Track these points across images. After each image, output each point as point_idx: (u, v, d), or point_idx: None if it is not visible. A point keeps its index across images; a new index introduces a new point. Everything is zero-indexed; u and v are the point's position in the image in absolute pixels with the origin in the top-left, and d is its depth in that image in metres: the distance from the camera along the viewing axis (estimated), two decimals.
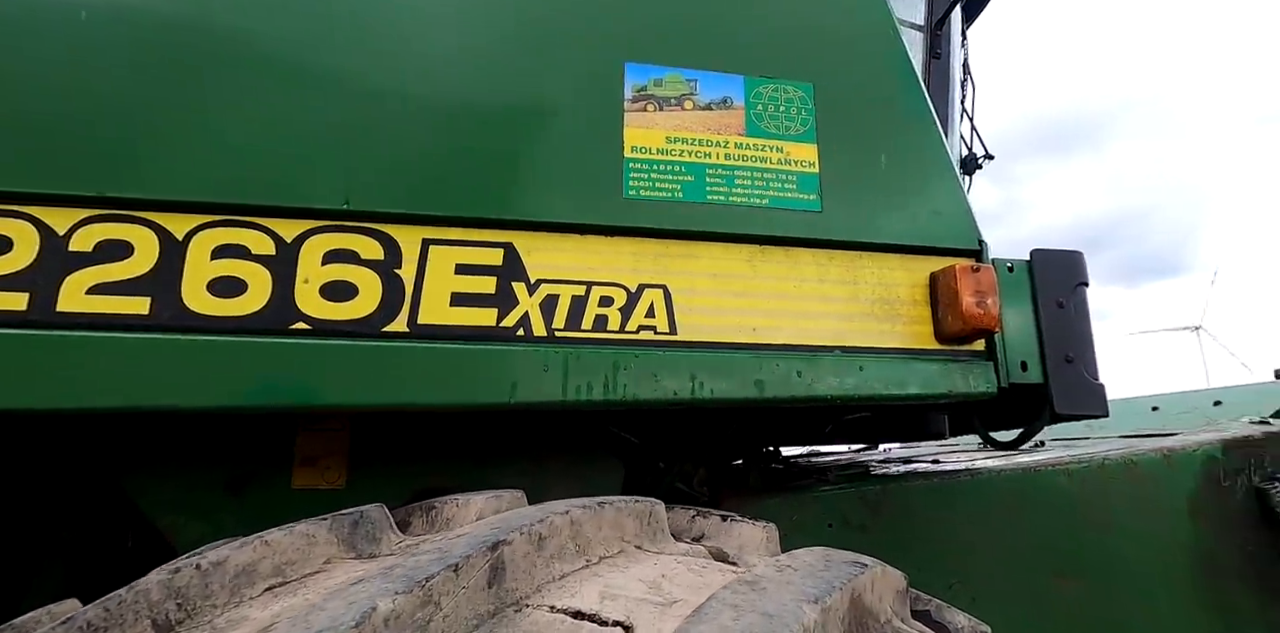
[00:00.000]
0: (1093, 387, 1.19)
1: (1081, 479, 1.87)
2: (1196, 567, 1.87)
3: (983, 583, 1.76)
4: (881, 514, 1.73)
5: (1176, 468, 1.90)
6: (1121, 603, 1.81)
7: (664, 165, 1.10)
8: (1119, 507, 1.86)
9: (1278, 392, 2.30)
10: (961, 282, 1.09)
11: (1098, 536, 1.84)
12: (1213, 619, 1.84)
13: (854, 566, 0.78)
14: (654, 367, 1.03)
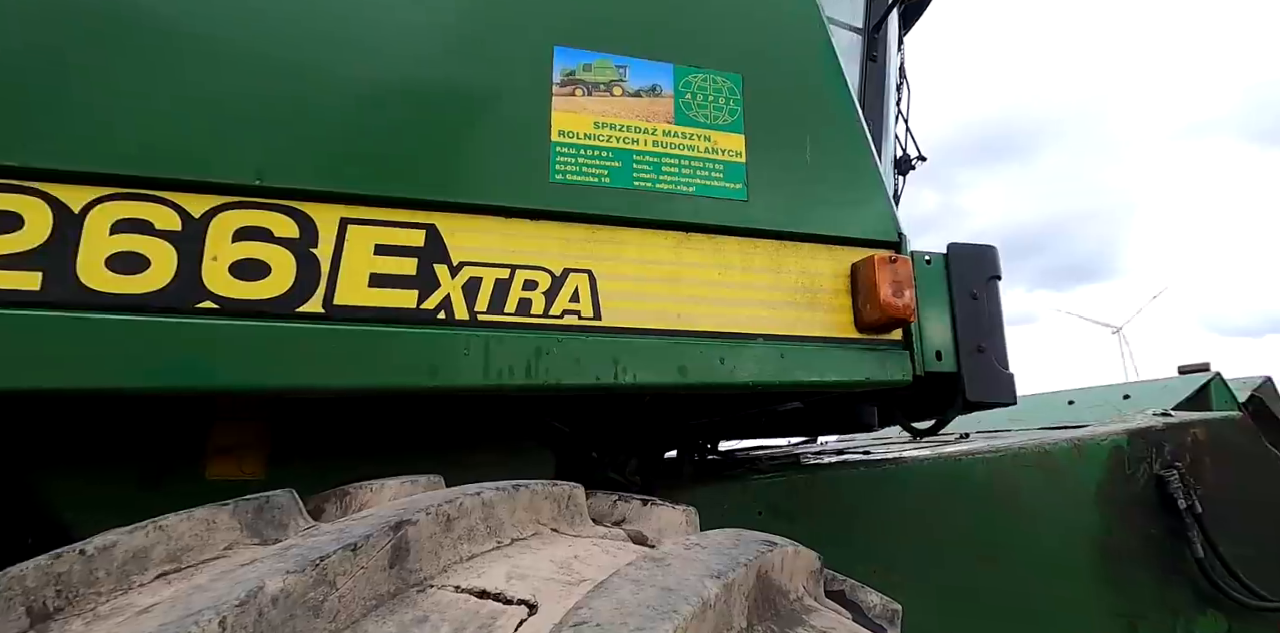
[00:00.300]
0: (1002, 375, 1.24)
1: (998, 468, 1.95)
2: (1102, 550, 1.97)
3: (905, 566, 1.82)
4: (810, 502, 1.77)
5: (1085, 457, 2.00)
6: (1032, 585, 1.89)
7: (591, 150, 1.10)
8: (1032, 494, 1.94)
9: (1180, 386, 2.44)
10: (880, 273, 1.12)
11: (1012, 521, 1.92)
12: (1115, 599, 1.94)
13: (763, 544, 0.79)
14: (577, 352, 1.03)
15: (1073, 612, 1.90)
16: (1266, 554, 2.10)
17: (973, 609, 1.83)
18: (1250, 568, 2.06)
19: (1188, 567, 1.99)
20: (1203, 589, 2.00)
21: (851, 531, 1.80)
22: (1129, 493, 2.00)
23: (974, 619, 1.84)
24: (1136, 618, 1.94)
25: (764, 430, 2.42)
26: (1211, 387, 2.39)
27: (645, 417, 1.70)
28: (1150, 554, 1.99)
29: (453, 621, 0.64)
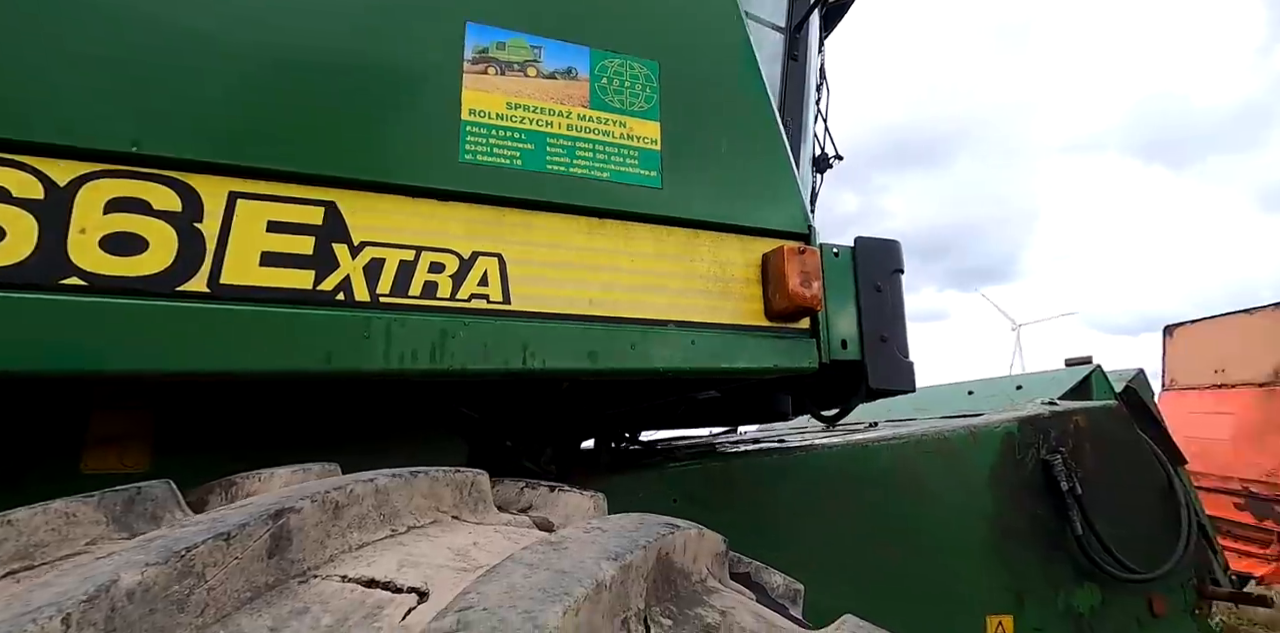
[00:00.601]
0: (903, 364, 1.29)
1: (902, 454, 2.03)
2: (994, 529, 2.08)
3: (814, 548, 1.87)
4: (725, 489, 1.79)
5: (980, 443, 2.11)
6: (932, 562, 1.99)
7: (503, 131, 1.07)
8: (932, 478, 2.04)
9: (1065, 378, 2.61)
10: (789, 263, 1.14)
11: (914, 503, 2.00)
12: (1004, 575, 2.06)
13: (665, 527, 0.79)
14: (485, 336, 1.00)
15: (968, 587, 2.01)
16: (1136, 531, 2.28)
17: (877, 587, 1.91)
18: (1122, 544, 2.23)
19: (1068, 544, 2.14)
20: (1081, 564, 2.15)
21: (764, 515, 1.84)
22: (1018, 476, 2.13)
23: (878, 596, 1.92)
24: (1023, 592, 2.07)
25: (685, 421, 2.44)
26: (1093, 379, 2.57)
27: (562, 405, 1.68)
28: (1036, 533, 2.13)
29: (335, 611, 0.61)
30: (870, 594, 1.90)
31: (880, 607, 1.91)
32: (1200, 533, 2.57)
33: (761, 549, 1.80)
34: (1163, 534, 2.30)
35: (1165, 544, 2.29)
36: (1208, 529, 2.60)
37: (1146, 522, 2.31)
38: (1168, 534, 2.30)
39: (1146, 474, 2.34)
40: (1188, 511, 2.31)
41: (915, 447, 2.03)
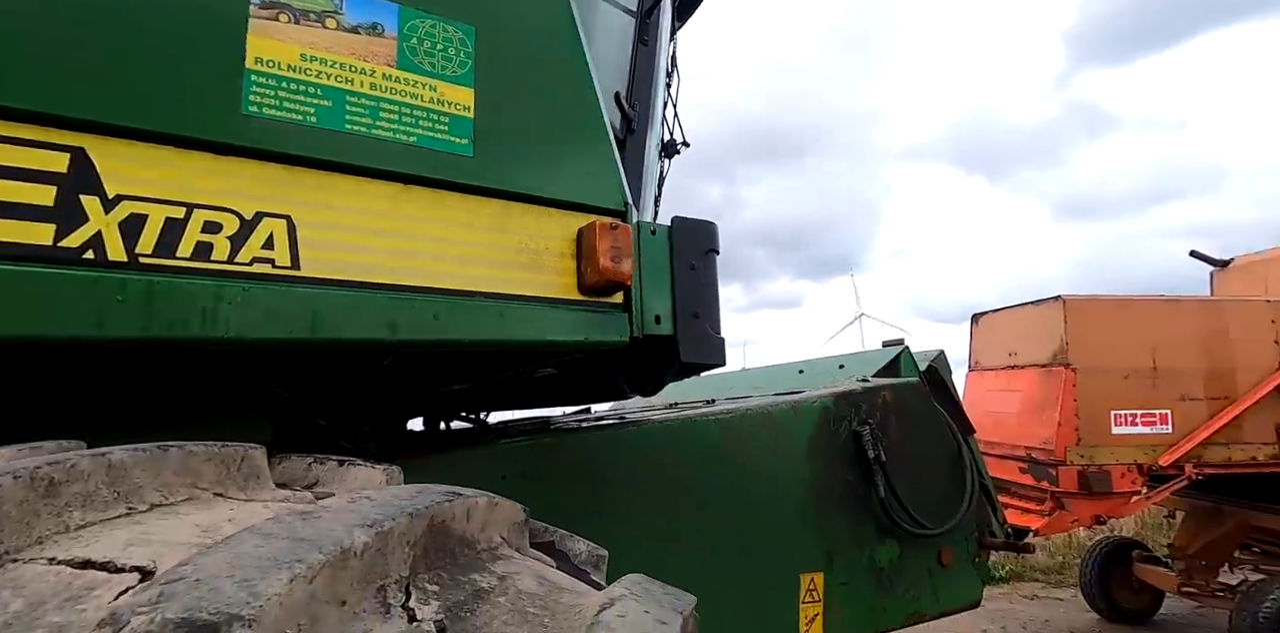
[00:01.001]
0: (714, 340, 1.35)
1: (730, 428, 2.13)
2: (810, 495, 2.24)
3: (646, 518, 1.93)
4: (556, 464, 1.80)
5: (800, 417, 2.26)
6: (756, 528, 2.11)
7: (296, 84, 0.99)
8: (756, 450, 2.16)
9: (879, 358, 2.86)
10: (600, 238, 1.15)
11: (738, 474, 2.12)
12: (817, 536, 2.23)
13: (444, 496, 0.77)
14: (268, 303, 0.93)
15: (785, 548, 2.16)
16: (930, 493, 2.55)
17: (702, 552, 2.01)
18: (918, 504, 2.48)
19: (873, 506, 2.35)
20: (883, 523, 2.38)
21: (597, 489, 1.87)
22: (833, 446, 2.31)
23: (703, 560, 2.02)
24: (833, 550, 2.25)
25: (528, 401, 2.42)
26: (901, 358, 2.83)
27: (385, 382, 1.60)
28: (846, 497, 2.32)
29: (31, 596, 0.54)
30: (696, 559, 1.99)
31: (703, 569, 2.01)
32: (984, 493, 2.93)
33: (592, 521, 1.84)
34: (951, 495, 2.59)
35: (953, 503, 2.58)
36: (990, 490, 2.95)
37: (938, 484, 2.58)
38: (955, 495, 2.59)
39: (940, 443, 2.62)
40: (972, 474, 2.61)
41: (741, 421, 2.14)
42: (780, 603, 2.14)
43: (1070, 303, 5.08)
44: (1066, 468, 4.90)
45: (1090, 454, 4.93)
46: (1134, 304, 5.18)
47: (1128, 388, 5.02)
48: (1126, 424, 5.01)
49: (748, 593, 2.07)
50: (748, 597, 2.06)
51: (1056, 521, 4.92)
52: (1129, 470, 4.95)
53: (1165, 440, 5.01)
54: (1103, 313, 5.10)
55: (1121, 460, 4.96)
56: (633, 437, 1.98)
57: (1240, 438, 5.07)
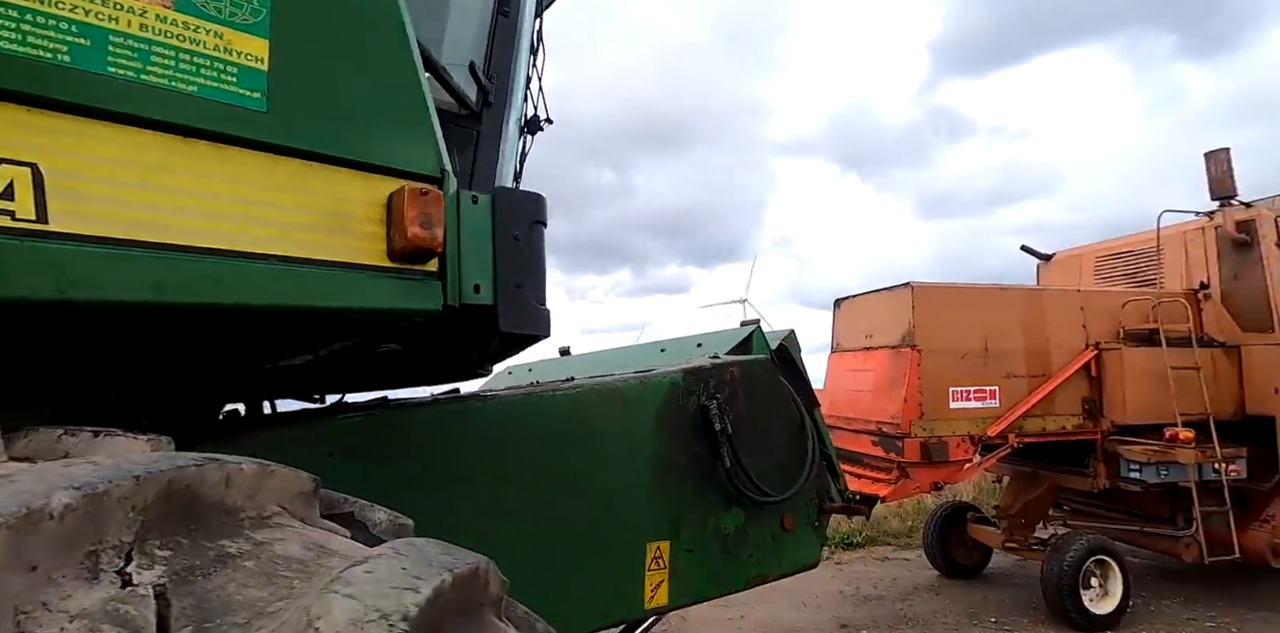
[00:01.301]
0: (538, 311, 1.35)
1: (577, 403, 2.16)
2: (657, 467, 2.31)
3: (487, 494, 1.92)
4: (391, 440, 1.75)
5: (649, 392, 2.32)
6: (604, 499, 2.15)
7: (44, 18, 0.88)
8: (604, 424, 2.20)
9: (734, 337, 2.98)
10: (410, 204, 1.12)
11: (586, 447, 2.15)
12: (665, 506, 2.31)
13: (193, 461, 0.73)
14: (3, 258, 0.83)
15: (632, 519, 2.22)
16: (774, 462, 2.70)
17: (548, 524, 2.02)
18: (763, 473, 2.62)
19: (719, 476, 2.46)
20: (729, 492, 2.50)
21: (436, 464, 1.83)
22: (681, 420, 2.39)
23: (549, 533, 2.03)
24: (680, 519, 2.34)
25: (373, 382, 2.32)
26: (754, 337, 2.96)
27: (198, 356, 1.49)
28: (693, 468, 2.41)
29: None
30: (541, 531, 2.01)
31: (549, 541, 2.03)
32: (825, 462, 3.14)
33: (430, 496, 1.80)
34: (794, 464, 2.75)
35: (795, 472, 2.74)
36: (833, 459, 3.16)
37: (782, 454, 2.74)
38: (798, 464, 2.76)
39: (785, 416, 2.77)
40: (814, 445, 2.79)
41: (588, 396, 2.17)
42: (626, 572, 2.20)
43: (917, 289, 5.51)
44: (910, 440, 5.34)
45: (931, 427, 5.40)
46: (970, 291, 5.70)
47: (964, 367, 5.53)
48: (962, 399, 5.52)
49: (594, 563, 2.11)
50: (594, 567, 2.10)
51: (900, 487, 5.37)
52: (963, 441, 5.47)
53: (993, 413, 5.57)
54: (944, 299, 5.58)
55: (957, 432, 5.47)
56: (475, 412, 1.96)
57: (1053, 410, 5.72)
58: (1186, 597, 6.19)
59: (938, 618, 5.85)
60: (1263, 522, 5.75)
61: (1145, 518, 6.23)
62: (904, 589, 6.63)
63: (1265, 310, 5.83)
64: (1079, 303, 5.92)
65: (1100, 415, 5.77)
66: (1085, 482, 5.88)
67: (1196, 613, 5.80)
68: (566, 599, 2.03)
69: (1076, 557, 5.43)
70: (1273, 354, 5.75)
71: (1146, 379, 5.69)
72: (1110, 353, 5.76)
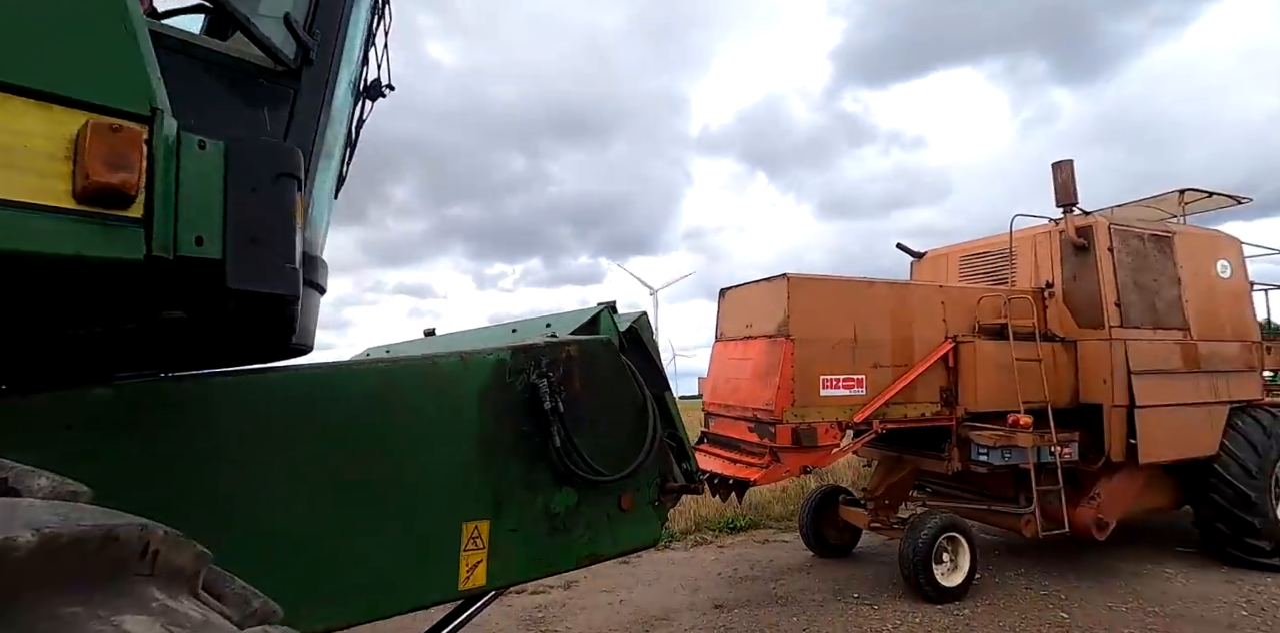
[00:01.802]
0: (280, 269, 1.25)
1: (387, 377, 2.06)
2: (480, 445, 2.24)
3: (279, 469, 1.80)
4: (149, 413, 1.60)
5: (472, 369, 2.24)
6: (409, 479, 2.06)
7: None
8: (417, 400, 2.11)
9: (583, 316, 2.95)
10: (95, 141, 1.00)
11: (395, 424, 2.05)
12: (488, 485, 2.24)
13: None
14: None
15: (446, 498, 2.14)
16: (613, 443, 2.69)
17: (350, 504, 1.92)
18: (601, 453, 2.60)
19: (550, 455, 2.42)
20: (560, 471, 2.46)
21: (211, 437, 1.70)
22: (508, 398, 2.33)
23: (356, 512, 1.93)
24: (503, 498, 2.28)
25: (173, 361, 2.13)
26: (601, 317, 2.94)
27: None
28: (520, 446, 2.36)
29: None
30: (340, 510, 1.90)
31: (349, 520, 1.92)
32: (676, 444, 3.16)
33: (198, 471, 1.66)
34: (634, 445, 2.75)
35: (636, 453, 2.74)
36: (684, 441, 3.19)
37: (621, 435, 2.73)
38: (638, 445, 2.76)
39: (627, 397, 2.75)
40: (654, 425, 2.79)
41: (401, 371, 2.08)
42: (439, 552, 2.12)
43: (793, 280, 5.67)
44: (783, 425, 5.50)
45: (802, 413, 5.58)
46: (842, 284, 5.92)
47: (834, 356, 5.74)
48: (832, 387, 5.73)
49: (401, 543, 2.02)
50: (400, 546, 2.02)
51: (772, 471, 5.52)
52: (831, 426, 5.69)
53: (860, 400, 5.82)
54: (818, 291, 5.77)
55: (826, 418, 5.67)
56: (269, 384, 1.83)
57: (914, 398, 6.04)
58: (1026, 569, 6.70)
59: (806, 595, 6.08)
60: (1090, 498, 6.28)
61: (992, 497, 6.69)
62: (778, 569, 6.85)
63: (1098, 308, 6.36)
64: (940, 298, 6.27)
65: (955, 403, 6.14)
66: (942, 465, 6.24)
67: (1033, 583, 6.29)
68: (369, 579, 1.94)
69: (929, 534, 5.76)
70: (1102, 348, 6.29)
71: (996, 370, 6.10)
72: (965, 345, 6.13)
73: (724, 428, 6.21)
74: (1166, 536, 7.69)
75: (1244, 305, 7.21)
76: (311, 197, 2.35)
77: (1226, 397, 6.69)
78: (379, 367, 2.03)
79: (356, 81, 2.69)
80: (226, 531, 1.66)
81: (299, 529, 1.80)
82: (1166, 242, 6.77)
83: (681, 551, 7.67)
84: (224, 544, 1.07)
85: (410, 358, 2.14)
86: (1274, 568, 6.43)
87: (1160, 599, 5.87)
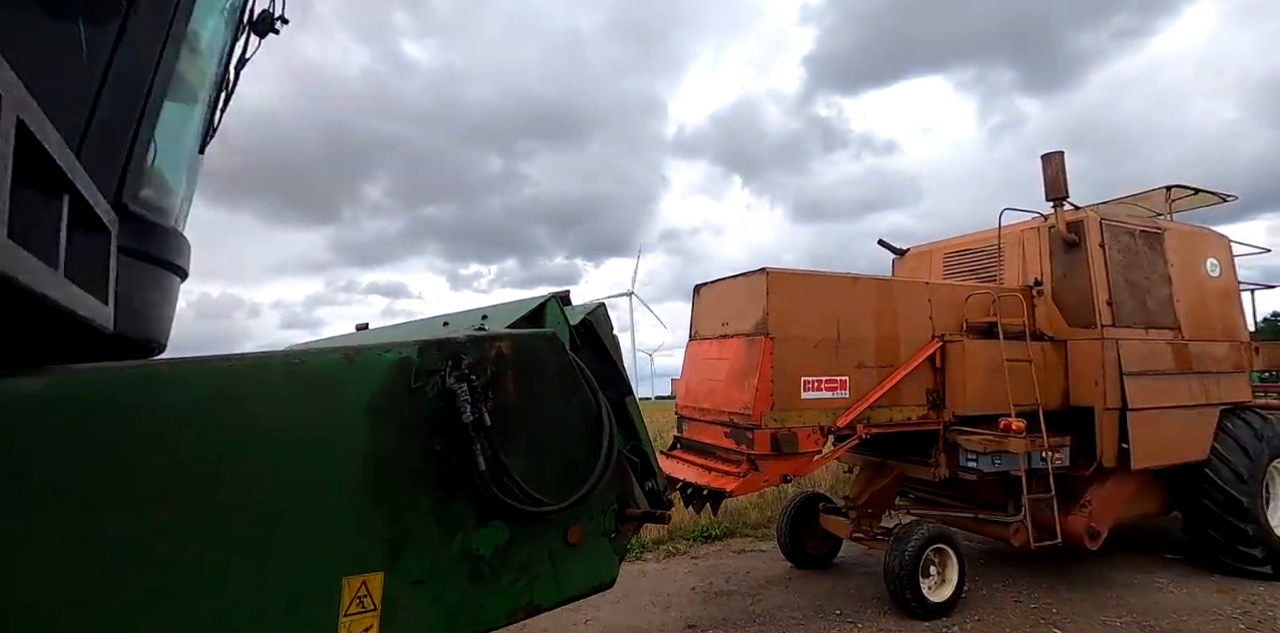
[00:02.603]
0: None
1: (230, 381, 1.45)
2: (374, 471, 1.63)
3: (66, 505, 1.20)
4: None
5: (359, 370, 1.64)
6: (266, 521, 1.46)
7: None
8: (277, 411, 1.50)
9: (523, 307, 2.36)
10: None
11: (244, 444, 1.44)
12: (384, 522, 1.63)
13: None
14: None
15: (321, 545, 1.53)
16: (560, 462, 2.11)
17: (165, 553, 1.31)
18: (542, 476, 2.02)
19: (472, 482, 1.83)
20: (486, 503, 1.87)
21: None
22: (413, 407, 1.73)
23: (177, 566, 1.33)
24: (403, 542, 1.68)
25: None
26: (547, 307, 2.35)
27: None
28: (431, 471, 1.76)
29: None
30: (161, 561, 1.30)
31: (161, 587, 1.32)
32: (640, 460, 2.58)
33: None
34: (585, 464, 2.17)
35: (587, 473, 2.16)
36: (649, 456, 2.61)
37: (570, 452, 2.15)
38: (590, 464, 2.18)
39: (576, 405, 2.17)
40: (610, 440, 2.21)
41: (249, 373, 1.47)
42: (309, 621, 1.52)
43: (772, 275, 5.14)
44: (761, 431, 4.96)
45: (782, 418, 5.04)
46: (825, 280, 5.39)
47: (816, 356, 5.21)
48: (813, 390, 5.20)
49: (246, 611, 1.42)
50: (243, 614, 1.41)
51: (749, 481, 4.97)
52: (813, 432, 5.15)
53: (843, 404, 5.30)
54: (799, 286, 5.24)
55: (808, 423, 5.14)
56: (44, 392, 1.22)
57: (900, 401, 5.53)
58: (1013, 580, 6.24)
59: (785, 613, 5.54)
60: (1081, 506, 5.84)
61: (980, 505, 6.22)
62: (756, 583, 6.31)
63: (1089, 307, 5.93)
64: (926, 295, 5.78)
65: (943, 406, 5.65)
66: (928, 472, 5.75)
67: (1023, 596, 5.82)
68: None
69: (916, 547, 5.26)
70: (1094, 348, 5.85)
71: (985, 371, 5.63)
72: (954, 345, 5.65)
73: (698, 433, 5.65)
74: (1154, 542, 7.30)
75: (1232, 304, 6.85)
76: (155, 146, 1.73)
77: (1217, 399, 6.30)
78: (213, 367, 1.42)
79: (237, 10, 2.08)
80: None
81: (66, 602, 1.20)
82: (1157, 238, 6.37)
83: (653, 562, 7.08)
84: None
85: (265, 356, 1.53)
86: (1265, 576, 6.04)
87: (1154, 612, 5.43)
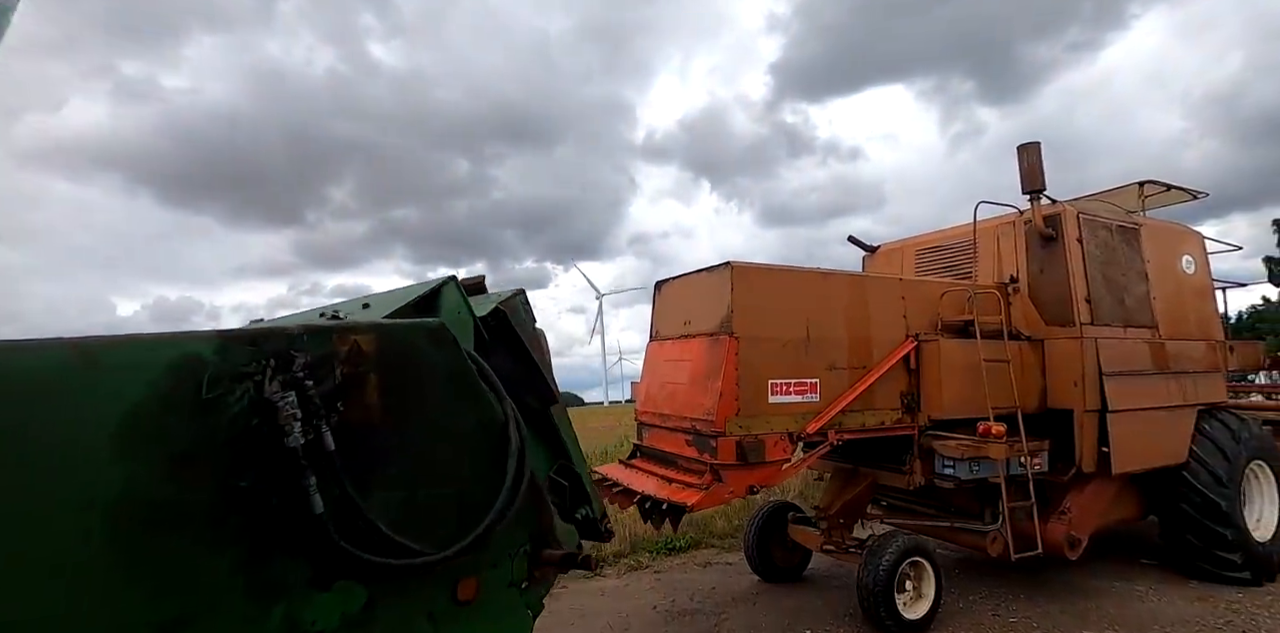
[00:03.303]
0: None
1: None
2: (127, 515, 1.07)
3: None
4: None
5: (105, 376, 1.08)
6: None
7: None
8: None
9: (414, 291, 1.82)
10: None
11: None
12: (135, 605, 1.08)
13: None
14: None
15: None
16: (444, 492, 1.57)
17: None
18: (421, 513, 1.48)
19: (304, 528, 1.28)
20: (327, 558, 1.32)
21: None
22: (205, 427, 1.18)
23: None
24: (178, 625, 1.12)
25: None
26: (444, 292, 1.81)
27: None
28: (230, 519, 1.21)
29: None
30: None
31: None
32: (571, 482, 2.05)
33: None
34: (485, 494, 1.63)
35: (486, 507, 1.62)
36: (582, 478, 2.08)
37: (466, 480, 1.61)
38: (491, 494, 1.64)
39: (472, 417, 1.63)
40: (518, 461, 1.67)
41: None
42: None
43: (738, 269, 4.65)
44: (725, 439, 4.45)
45: (748, 425, 4.54)
46: (793, 275, 4.93)
47: (784, 357, 4.74)
48: (782, 393, 4.72)
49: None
50: None
51: (712, 494, 4.45)
52: (781, 439, 4.67)
53: (814, 408, 4.83)
54: (766, 281, 4.76)
55: (775, 429, 4.66)
56: None
57: (873, 404, 5.08)
58: (989, 591, 5.83)
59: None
60: (1060, 514, 5.45)
61: (956, 513, 5.80)
62: (722, 600, 5.79)
63: (1067, 304, 5.56)
64: (900, 292, 5.35)
65: (918, 409, 5.22)
66: (902, 479, 5.31)
67: (1001, 609, 5.41)
68: None
69: (891, 561, 4.81)
70: (1073, 348, 5.48)
71: (962, 372, 5.21)
72: (929, 344, 5.23)
73: (658, 441, 5.13)
74: (1130, 546, 6.97)
75: (1208, 302, 6.57)
76: None
77: (1194, 400, 5.98)
78: None
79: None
80: None
81: None
82: (1134, 233, 6.04)
83: (613, 579, 6.52)
84: None
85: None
86: (1244, 582, 5.73)
87: (1137, 623, 5.06)
